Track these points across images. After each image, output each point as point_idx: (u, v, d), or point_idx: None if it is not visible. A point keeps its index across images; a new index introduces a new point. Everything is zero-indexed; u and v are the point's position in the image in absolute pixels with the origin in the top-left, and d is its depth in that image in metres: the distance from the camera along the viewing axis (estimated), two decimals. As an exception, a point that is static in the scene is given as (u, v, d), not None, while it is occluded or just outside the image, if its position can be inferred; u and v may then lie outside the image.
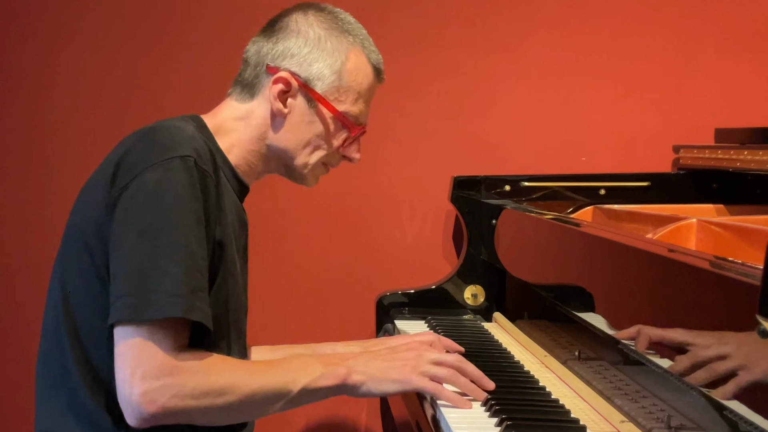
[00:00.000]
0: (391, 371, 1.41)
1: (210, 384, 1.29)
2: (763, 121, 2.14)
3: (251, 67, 1.53)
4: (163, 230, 1.29)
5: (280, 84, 1.49)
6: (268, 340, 1.76)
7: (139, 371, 1.25)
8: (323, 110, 1.51)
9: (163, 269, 1.27)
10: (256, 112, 1.52)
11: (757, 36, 2.36)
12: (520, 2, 2.39)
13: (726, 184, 2.16)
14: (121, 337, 1.27)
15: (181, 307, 1.26)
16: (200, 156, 1.36)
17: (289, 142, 1.52)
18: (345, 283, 2.39)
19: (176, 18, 2.39)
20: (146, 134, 1.38)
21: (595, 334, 1.44)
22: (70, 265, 1.40)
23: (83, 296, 1.37)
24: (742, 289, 0.98)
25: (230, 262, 1.42)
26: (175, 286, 1.26)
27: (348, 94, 1.52)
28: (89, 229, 1.36)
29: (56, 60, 2.39)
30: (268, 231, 2.33)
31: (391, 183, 2.39)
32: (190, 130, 1.41)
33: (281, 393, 1.35)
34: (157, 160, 1.32)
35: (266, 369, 1.38)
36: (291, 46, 1.50)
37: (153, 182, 1.31)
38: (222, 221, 1.39)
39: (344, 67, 1.51)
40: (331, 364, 1.40)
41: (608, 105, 2.39)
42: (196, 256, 1.30)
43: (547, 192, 2.22)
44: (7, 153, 2.40)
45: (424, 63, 2.38)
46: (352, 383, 1.39)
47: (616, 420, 1.34)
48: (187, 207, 1.31)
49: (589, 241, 1.57)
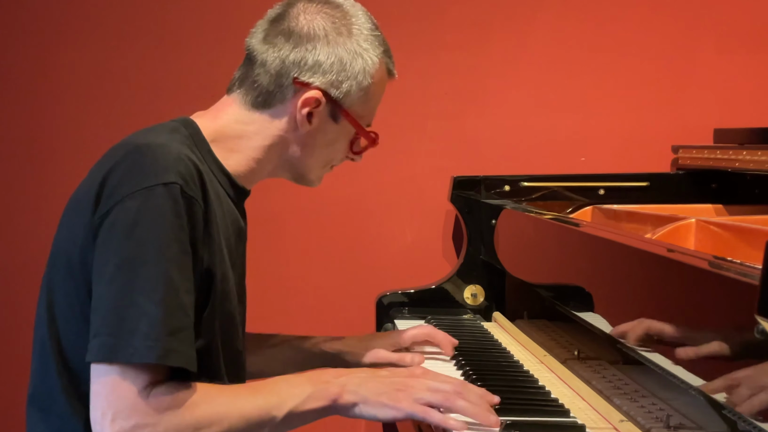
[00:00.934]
0: (383, 396, 1.31)
1: (184, 421, 1.23)
2: (761, 121, 2.14)
3: (270, 74, 1.41)
4: (142, 263, 1.22)
5: (311, 102, 1.41)
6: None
7: (110, 412, 1.21)
8: (347, 125, 1.46)
9: (140, 308, 1.21)
10: (272, 123, 1.43)
11: (756, 36, 2.36)
12: (519, 4, 2.39)
13: (725, 184, 2.16)
14: (95, 376, 1.22)
15: (156, 353, 1.20)
16: (186, 181, 1.27)
17: (307, 155, 1.46)
18: (345, 282, 2.40)
19: (177, 16, 2.39)
20: (130, 153, 1.30)
21: (595, 333, 1.45)
22: (56, 289, 1.34)
23: (70, 322, 1.32)
24: (740, 289, 0.98)
25: (222, 286, 1.36)
26: (151, 328, 1.20)
27: (368, 106, 1.48)
28: (74, 253, 1.30)
29: (56, 59, 2.39)
30: (268, 231, 2.34)
31: (391, 183, 2.39)
32: (177, 148, 1.32)
33: (265, 419, 1.27)
34: (140, 186, 1.25)
35: (248, 394, 1.30)
36: (323, 60, 1.41)
37: (134, 211, 1.24)
38: (211, 247, 1.33)
39: (371, 84, 1.45)
40: (322, 383, 1.32)
41: (607, 105, 2.39)
42: (179, 291, 1.24)
43: (546, 192, 2.22)
44: (8, 153, 2.40)
45: (424, 64, 2.38)
46: (344, 403, 1.31)
47: (615, 419, 1.34)
48: (169, 237, 1.24)
49: (589, 241, 1.57)
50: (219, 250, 1.35)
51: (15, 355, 2.38)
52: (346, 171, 2.28)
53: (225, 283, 1.38)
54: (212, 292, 1.34)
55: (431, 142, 2.39)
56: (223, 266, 1.37)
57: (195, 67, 2.35)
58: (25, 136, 2.40)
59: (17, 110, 2.40)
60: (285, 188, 2.20)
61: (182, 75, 2.36)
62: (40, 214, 2.37)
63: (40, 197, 2.39)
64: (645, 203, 2.13)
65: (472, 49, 2.39)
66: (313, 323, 2.38)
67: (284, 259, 2.40)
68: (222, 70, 1.66)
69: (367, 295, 2.28)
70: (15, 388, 2.33)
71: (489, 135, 2.39)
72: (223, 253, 1.37)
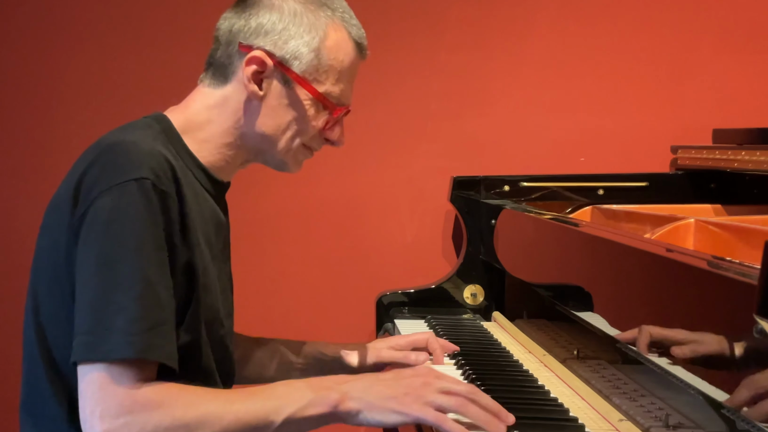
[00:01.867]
0: (391, 401, 1.26)
1: (175, 419, 1.20)
2: (760, 121, 2.14)
3: (222, 47, 1.41)
4: (118, 261, 1.21)
5: (254, 64, 1.37)
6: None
7: (98, 410, 1.19)
8: (302, 91, 1.40)
9: (118, 305, 1.20)
10: (231, 98, 1.41)
11: (754, 37, 2.36)
12: (519, 4, 2.39)
13: (724, 185, 2.16)
14: (82, 375, 1.21)
15: (135, 348, 1.19)
16: (158, 176, 1.26)
17: (267, 127, 1.41)
18: (345, 282, 2.40)
19: (173, 15, 2.39)
20: (103, 152, 1.29)
21: (594, 333, 1.45)
22: (41, 293, 1.34)
23: (57, 326, 1.31)
24: (739, 289, 0.98)
25: (202, 276, 1.34)
26: (130, 324, 1.19)
27: (328, 73, 1.40)
28: (59, 256, 1.29)
29: (54, 59, 2.39)
30: (268, 231, 2.34)
31: (391, 183, 2.39)
32: (148, 144, 1.31)
33: (261, 425, 1.23)
34: (112, 183, 1.24)
35: (244, 398, 1.26)
36: (264, 22, 1.38)
37: (108, 209, 1.23)
38: (188, 239, 1.31)
39: (323, 44, 1.39)
40: (323, 389, 1.27)
41: (607, 106, 2.39)
42: (157, 287, 1.23)
43: (546, 192, 2.22)
44: (8, 153, 2.41)
45: (424, 64, 2.38)
46: (346, 410, 1.25)
47: (615, 418, 1.34)
48: (144, 233, 1.23)
49: (588, 241, 1.57)
50: (197, 244, 1.34)
51: (16, 355, 2.39)
52: (347, 171, 2.30)
53: (205, 277, 1.36)
54: (194, 286, 1.33)
55: (431, 143, 2.40)
56: (203, 259, 1.36)
57: (195, 68, 2.35)
58: (25, 136, 2.41)
59: (18, 110, 2.40)
60: (285, 188, 2.22)
61: (181, 72, 2.36)
62: (40, 215, 2.38)
63: (41, 197, 2.39)
64: (644, 203, 2.13)
65: (472, 50, 2.39)
66: (314, 323, 2.39)
67: (285, 258, 2.40)
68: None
69: (367, 294, 2.28)
70: (10, 393, 2.34)
71: (489, 135, 2.39)
72: (201, 247, 1.36)
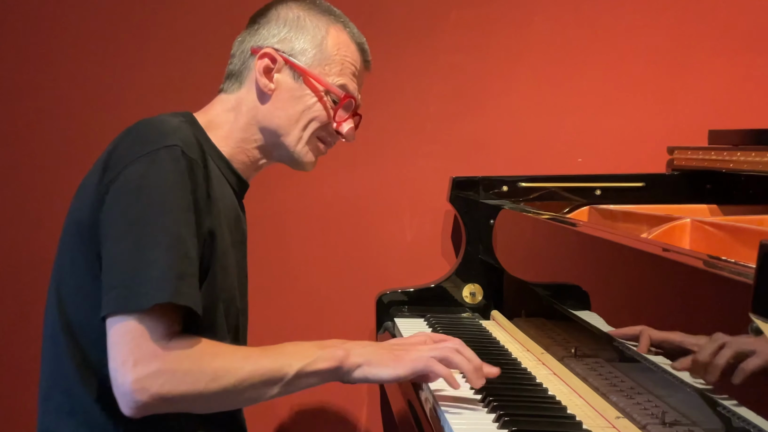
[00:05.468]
0: (388, 357, 1.38)
1: (202, 368, 1.27)
2: (755, 122, 2.15)
3: (237, 57, 1.56)
4: (149, 220, 1.28)
5: (266, 59, 1.51)
6: (269, 338, 1.76)
7: (131, 359, 1.24)
8: (310, 82, 1.52)
9: (149, 258, 1.26)
10: (246, 98, 1.53)
11: (750, 39, 2.37)
12: (517, 7, 2.40)
13: (719, 185, 2.17)
14: (113, 328, 1.26)
15: (167, 292, 1.25)
16: (186, 144, 1.35)
17: (280, 119, 1.52)
18: (346, 281, 2.41)
19: (177, 18, 2.40)
20: (132, 129, 1.40)
21: (591, 331, 1.45)
22: (64, 264, 1.40)
23: (76, 294, 1.37)
24: (735, 288, 0.98)
25: (222, 254, 1.41)
26: (161, 272, 1.25)
27: (332, 65, 1.53)
28: (84, 226, 1.36)
29: (56, 59, 2.39)
30: (269, 230, 2.35)
31: (391, 184, 2.40)
32: (176, 122, 1.42)
33: (277, 376, 1.32)
34: (143, 152, 1.32)
35: (260, 353, 1.34)
36: (272, 28, 1.53)
37: (139, 174, 1.31)
38: (212, 210, 1.39)
39: (325, 40, 1.53)
40: (328, 347, 1.37)
41: (604, 107, 2.40)
42: (186, 243, 1.29)
43: (543, 192, 2.23)
44: (9, 153, 2.41)
45: (423, 66, 2.39)
46: (349, 366, 1.36)
47: (612, 416, 1.35)
48: (174, 196, 1.30)
49: (585, 241, 1.57)
50: (218, 216, 1.41)
51: (17, 355, 2.40)
52: (347, 171, 2.31)
53: (224, 258, 1.42)
54: (214, 255, 1.38)
55: (430, 144, 2.41)
56: (223, 238, 1.42)
57: (196, 69, 2.36)
58: (27, 137, 2.41)
59: (19, 110, 2.41)
60: (286, 188, 2.22)
61: (183, 75, 2.37)
62: (41, 215, 2.38)
63: (41, 197, 2.40)
64: (641, 203, 2.14)
65: (471, 53, 2.40)
66: (315, 321, 2.39)
67: (285, 258, 2.41)
68: (221, 72, 1.70)
69: (367, 293, 2.30)
70: (17, 388, 2.36)
71: (487, 136, 2.40)
72: (222, 226, 1.42)
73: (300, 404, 2.41)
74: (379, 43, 1.64)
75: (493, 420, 1.34)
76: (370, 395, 2.41)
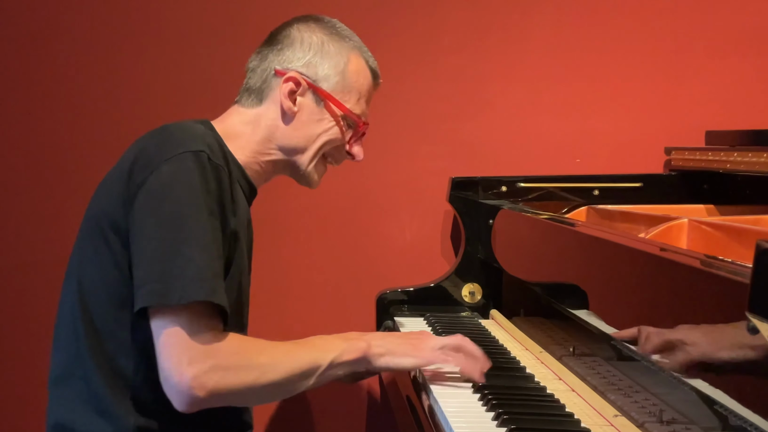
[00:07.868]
0: (405, 346, 1.49)
1: (251, 363, 1.34)
2: (752, 123, 2.15)
3: (257, 74, 1.59)
4: (182, 219, 1.33)
5: (291, 83, 1.55)
6: (270, 337, 1.79)
7: (185, 357, 1.28)
8: (331, 107, 1.57)
9: (186, 256, 1.30)
10: (265, 115, 1.57)
11: (747, 40, 2.37)
12: (516, 8, 2.40)
13: (716, 185, 2.17)
14: (160, 328, 1.30)
15: (205, 291, 1.29)
16: (212, 151, 1.41)
17: (298, 139, 1.57)
18: (346, 281, 2.41)
19: (187, 23, 2.40)
20: (160, 132, 1.45)
21: (590, 330, 1.45)
22: (86, 257, 1.44)
23: (99, 286, 1.41)
24: (732, 287, 0.98)
25: (240, 256, 1.46)
26: (198, 271, 1.30)
27: (351, 93, 1.59)
28: (106, 223, 1.40)
29: (64, 62, 2.39)
30: (269, 230, 2.35)
31: (391, 184, 2.41)
32: (201, 129, 1.47)
33: (313, 368, 1.40)
34: (172, 154, 1.37)
35: (296, 347, 1.43)
36: (296, 50, 1.57)
37: (168, 175, 1.35)
38: (237, 213, 1.44)
39: (347, 68, 1.58)
40: (351, 339, 1.47)
41: (602, 108, 2.40)
42: (217, 243, 1.35)
43: (542, 193, 2.23)
44: (11, 153, 2.42)
45: (422, 67, 2.40)
46: (372, 355, 1.46)
47: (610, 414, 1.36)
48: (199, 200, 1.35)
49: (584, 241, 1.57)
50: (240, 218, 1.46)
51: (17, 353, 2.41)
52: (348, 173, 2.31)
53: (240, 257, 1.47)
54: (236, 255, 1.43)
55: (430, 144, 2.41)
56: (242, 241, 1.47)
57: (205, 74, 2.36)
58: (29, 137, 2.41)
59: (24, 111, 2.41)
60: (286, 188, 2.23)
61: (192, 81, 2.37)
62: (44, 215, 2.38)
63: (44, 197, 2.40)
64: (638, 203, 2.14)
65: (470, 53, 2.40)
66: (315, 321, 2.40)
67: (286, 257, 2.41)
68: (230, 79, 1.72)
69: (367, 293, 2.30)
70: (17, 386, 2.36)
71: (486, 137, 2.40)
72: (243, 229, 1.48)
73: (301, 404, 2.42)
74: (378, 45, 1.65)
75: (492, 418, 1.34)
76: (370, 395, 2.42)
